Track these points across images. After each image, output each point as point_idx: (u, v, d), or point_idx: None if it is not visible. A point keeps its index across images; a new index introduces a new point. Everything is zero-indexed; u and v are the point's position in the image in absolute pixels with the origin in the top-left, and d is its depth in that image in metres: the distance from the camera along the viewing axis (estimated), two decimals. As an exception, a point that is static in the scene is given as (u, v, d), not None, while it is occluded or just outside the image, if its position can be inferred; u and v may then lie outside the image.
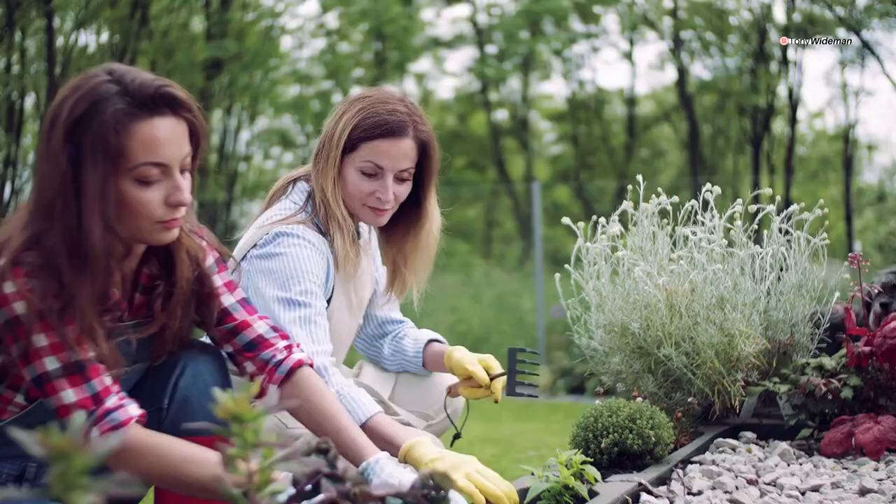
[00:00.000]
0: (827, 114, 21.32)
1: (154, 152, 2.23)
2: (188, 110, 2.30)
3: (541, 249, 12.33)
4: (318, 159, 3.17)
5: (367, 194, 3.12)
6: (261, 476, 1.67)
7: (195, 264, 2.54)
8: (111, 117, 2.18)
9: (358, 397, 2.83)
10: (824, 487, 2.89)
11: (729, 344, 3.49)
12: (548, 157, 25.02)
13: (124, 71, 2.25)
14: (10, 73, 15.08)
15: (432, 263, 3.39)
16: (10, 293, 2.17)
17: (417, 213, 3.30)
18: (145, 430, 2.25)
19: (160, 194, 2.27)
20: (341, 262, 3.12)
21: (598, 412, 3.13)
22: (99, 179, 2.18)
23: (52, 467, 1.29)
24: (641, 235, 3.70)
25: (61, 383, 2.19)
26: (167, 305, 2.50)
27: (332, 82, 21.28)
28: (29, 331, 2.17)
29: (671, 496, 2.84)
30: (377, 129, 3.09)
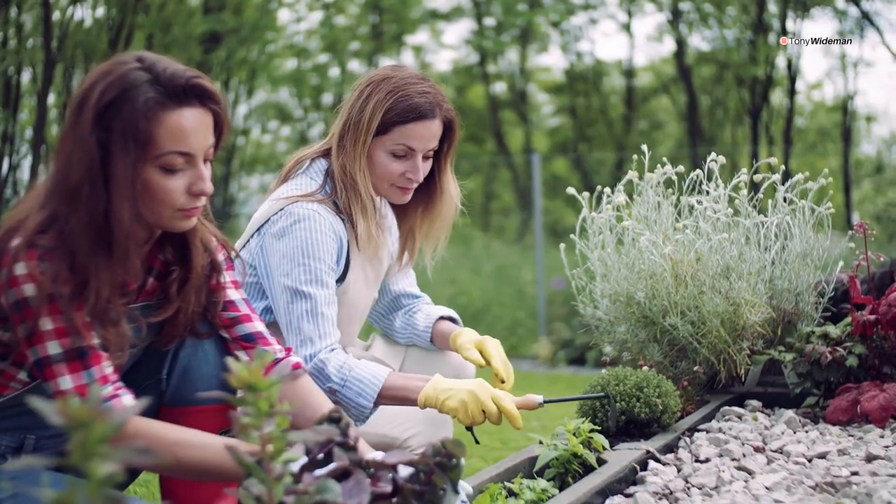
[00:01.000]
0: (826, 85, 21.30)
1: (181, 142, 2.25)
2: (216, 102, 2.32)
3: (541, 221, 12.31)
4: (343, 141, 3.16)
5: (398, 175, 3.14)
6: (275, 444, 1.67)
7: (208, 253, 2.56)
8: (142, 105, 2.19)
9: (362, 376, 2.89)
10: (831, 454, 2.90)
11: (734, 313, 3.49)
12: (546, 130, 24.98)
13: (155, 59, 2.27)
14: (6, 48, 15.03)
15: (448, 234, 3.40)
16: (20, 275, 2.18)
17: (434, 186, 3.32)
18: (144, 420, 2.26)
19: (183, 183, 2.29)
20: (363, 243, 3.13)
21: (606, 381, 3.13)
22: (129, 166, 2.20)
23: (71, 436, 1.30)
24: (646, 205, 3.70)
25: (60, 368, 2.20)
26: (182, 291, 2.52)
27: (330, 55, 21.22)
28: (36, 313, 2.18)
29: (679, 463, 2.85)
30: (410, 114, 3.10)
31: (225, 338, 2.64)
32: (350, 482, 1.77)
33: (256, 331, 2.64)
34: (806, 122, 21.04)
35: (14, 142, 16.25)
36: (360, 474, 1.80)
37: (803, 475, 2.67)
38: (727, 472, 2.71)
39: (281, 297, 3.01)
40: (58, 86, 15.52)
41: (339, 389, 2.86)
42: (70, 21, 14.46)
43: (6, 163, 15.92)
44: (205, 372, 2.60)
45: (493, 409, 2.82)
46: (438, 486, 1.85)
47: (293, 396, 2.58)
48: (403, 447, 3.25)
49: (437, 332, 3.44)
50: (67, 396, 2.19)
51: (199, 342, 2.62)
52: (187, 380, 2.61)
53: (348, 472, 1.80)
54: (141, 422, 2.24)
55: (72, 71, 15.59)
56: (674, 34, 19.12)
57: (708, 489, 2.57)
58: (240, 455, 1.65)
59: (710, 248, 3.51)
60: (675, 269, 3.50)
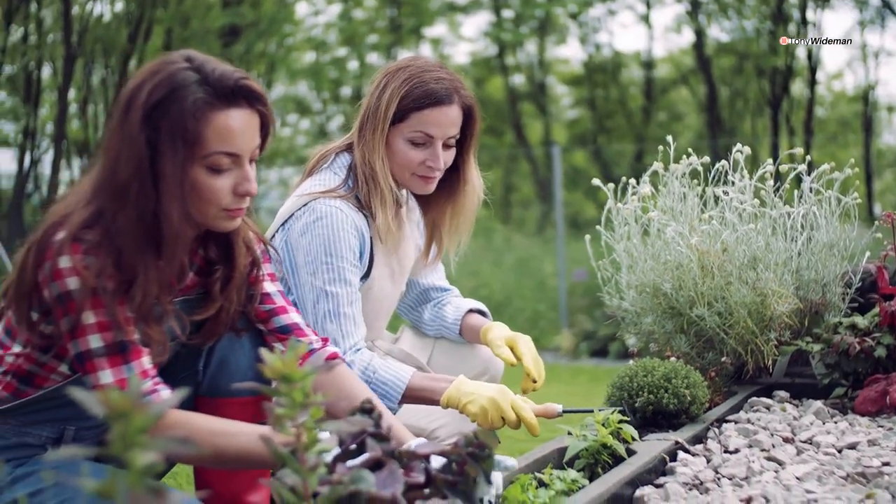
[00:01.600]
0: (846, 75, 21.20)
1: (228, 142, 2.27)
2: (263, 104, 2.34)
3: (562, 213, 12.29)
4: (362, 132, 3.17)
5: (418, 164, 3.13)
6: (308, 435, 1.68)
7: (250, 252, 2.59)
8: (191, 105, 2.21)
9: (386, 378, 2.93)
10: (861, 445, 2.89)
11: (761, 303, 3.48)
12: (565, 121, 24.96)
13: (203, 60, 2.29)
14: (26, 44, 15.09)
15: (472, 227, 3.40)
16: (64, 268, 2.19)
17: (457, 177, 3.31)
18: (181, 412, 2.27)
19: (229, 183, 2.31)
20: (383, 236, 3.12)
21: (633, 372, 3.12)
22: (178, 166, 2.23)
23: (111, 427, 1.30)
24: (672, 196, 3.69)
25: (101, 362, 2.21)
26: (225, 290, 2.54)
27: (348, 49, 21.22)
28: (79, 307, 2.19)
29: (708, 454, 2.84)
30: (426, 99, 3.10)
31: (262, 330, 2.65)
32: (383, 472, 1.77)
33: (292, 322, 2.64)
34: (826, 112, 20.95)
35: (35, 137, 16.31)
36: (394, 464, 1.80)
37: (834, 466, 2.66)
38: (757, 462, 2.70)
39: (308, 295, 3.03)
40: (78, 81, 15.57)
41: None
42: (90, 16, 14.50)
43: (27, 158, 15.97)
44: (241, 364, 2.61)
45: (513, 417, 2.88)
46: (471, 476, 1.85)
47: (329, 386, 2.59)
48: (431, 438, 3.26)
49: (466, 325, 3.44)
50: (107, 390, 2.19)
51: (235, 335, 2.63)
52: (224, 371, 2.63)
53: (381, 463, 1.80)
54: (180, 413, 2.25)
55: (91, 66, 15.64)
56: (693, 25, 19.03)
57: (738, 479, 2.57)
58: (274, 445, 1.66)
59: (737, 239, 3.49)
60: (701, 260, 3.49)
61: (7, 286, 2.35)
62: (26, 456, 2.41)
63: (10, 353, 2.39)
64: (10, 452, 2.40)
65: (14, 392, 2.40)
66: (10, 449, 2.41)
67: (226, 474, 2.69)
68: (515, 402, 2.89)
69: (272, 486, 1.68)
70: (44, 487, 2.32)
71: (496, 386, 2.93)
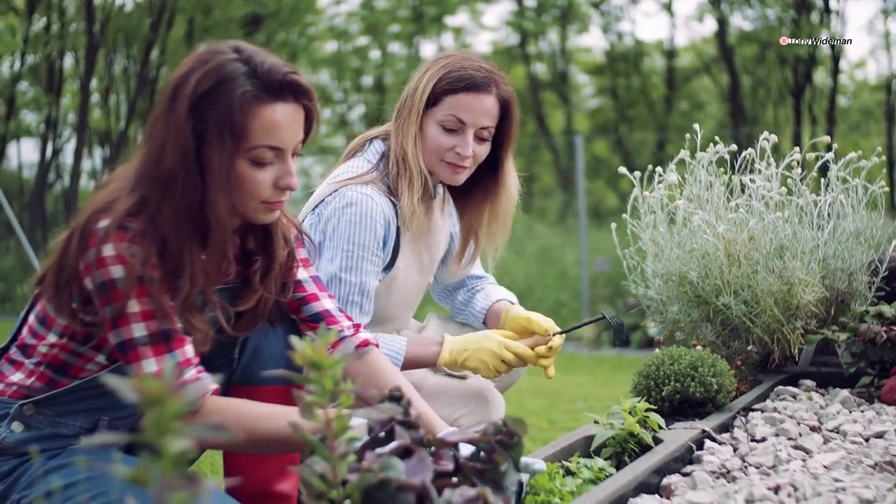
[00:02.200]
0: (869, 64, 21.08)
1: (273, 136, 2.27)
2: (309, 99, 2.34)
3: (584, 203, 12.28)
4: (399, 115, 3.20)
5: (447, 149, 3.13)
6: (338, 423, 1.68)
7: (287, 244, 2.59)
8: (239, 98, 2.21)
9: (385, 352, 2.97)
10: (888, 434, 2.88)
11: (788, 292, 3.47)
12: (587, 111, 24.93)
13: (252, 52, 2.29)
14: (49, 33, 15.16)
15: (509, 232, 3.43)
16: (108, 256, 2.19)
17: (494, 178, 3.32)
18: (220, 398, 2.28)
19: (271, 176, 2.31)
20: (407, 220, 3.12)
21: (660, 360, 3.12)
22: (226, 158, 2.23)
23: (145, 413, 1.30)
24: (698, 184, 3.67)
25: (145, 351, 2.21)
26: (264, 280, 2.54)
27: (370, 38, 21.25)
28: (124, 295, 2.19)
29: (735, 443, 2.84)
30: (461, 83, 3.11)
31: (295, 319, 2.66)
32: (413, 460, 1.77)
33: (323, 309, 2.65)
34: (849, 101, 20.85)
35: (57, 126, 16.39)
36: (423, 452, 1.80)
37: (861, 454, 2.65)
38: (784, 451, 2.69)
39: (322, 278, 3.04)
40: (100, 70, 15.64)
41: None
42: (112, 5, 14.56)
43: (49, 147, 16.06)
44: (275, 352, 2.62)
45: (511, 356, 3.07)
46: (500, 464, 1.86)
47: (361, 373, 2.60)
48: (455, 426, 3.26)
49: (491, 312, 3.45)
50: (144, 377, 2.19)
51: (271, 324, 2.64)
52: (257, 359, 2.63)
53: (410, 451, 1.80)
54: (217, 400, 2.26)
55: (113, 55, 15.71)
56: (715, 14, 18.98)
57: (765, 468, 2.56)
58: (304, 432, 1.66)
59: (764, 227, 3.48)
60: (727, 249, 3.48)
61: (43, 273, 2.35)
62: (60, 447, 2.40)
63: (45, 343, 2.39)
64: (44, 443, 2.40)
65: (48, 382, 2.40)
66: (44, 440, 2.41)
67: (255, 462, 2.70)
68: (506, 342, 3.09)
69: (301, 472, 1.69)
70: (78, 480, 2.32)
71: (481, 333, 3.12)
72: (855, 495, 2.21)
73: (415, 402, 2.52)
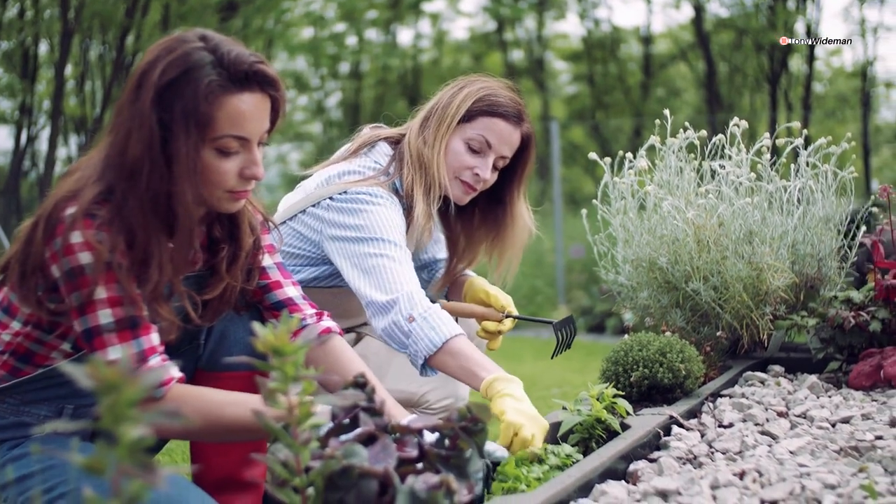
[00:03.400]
0: (844, 51, 21.12)
1: (239, 126, 2.26)
2: (276, 88, 2.33)
3: (559, 189, 12.28)
4: (426, 123, 3.22)
5: (466, 168, 3.18)
6: (301, 409, 1.68)
7: (254, 232, 2.59)
8: (205, 88, 2.20)
9: (437, 324, 2.81)
10: (855, 419, 2.89)
11: (757, 278, 3.48)
12: (564, 97, 24.90)
13: (219, 41, 2.27)
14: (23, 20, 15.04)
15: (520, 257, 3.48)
16: (76, 243, 2.17)
17: (503, 210, 3.39)
18: (185, 385, 2.26)
19: (236, 165, 2.30)
20: (422, 226, 3.14)
21: (628, 346, 3.13)
22: (191, 148, 2.21)
23: (101, 400, 1.29)
24: (668, 170, 3.68)
25: (111, 338, 2.19)
26: (231, 268, 2.53)
27: (346, 24, 21.18)
28: (92, 282, 2.17)
29: (702, 428, 2.85)
30: (499, 108, 3.18)
31: (259, 307, 2.65)
32: (376, 447, 1.77)
33: (286, 297, 2.64)
34: (825, 88, 20.89)
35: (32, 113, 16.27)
36: (386, 439, 1.80)
37: (827, 440, 2.66)
38: (751, 436, 2.71)
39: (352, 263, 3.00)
40: (75, 56, 15.52)
41: (417, 319, 2.81)
42: (87, -9, 14.42)
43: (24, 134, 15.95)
44: (240, 338, 2.61)
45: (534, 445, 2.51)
46: (464, 450, 1.86)
47: (323, 360, 2.60)
48: (420, 402, 3.29)
49: (454, 285, 3.53)
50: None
51: (236, 312, 2.63)
52: (223, 346, 2.63)
53: (374, 437, 1.80)
54: (181, 388, 2.24)
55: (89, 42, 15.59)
56: (692, 0, 18.98)
57: (732, 454, 2.57)
58: (266, 420, 1.66)
59: (733, 213, 3.49)
60: (697, 234, 3.49)
61: (7, 261, 2.33)
62: (24, 436, 2.39)
63: (8, 331, 2.37)
64: (7, 432, 2.39)
65: (11, 371, 2.38)
66: (7, 429, 2.39)
67: (221, 450, 2.69)
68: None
69: (265, 460, 1.68)
70: (34, 471, 2.31)
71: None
72: (819, 480, 2.22)
73: (376, 389, 2.51)
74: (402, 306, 2.82)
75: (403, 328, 2.80)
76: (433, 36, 23.59)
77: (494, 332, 3.32)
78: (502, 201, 3.37)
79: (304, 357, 1.70)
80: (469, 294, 3.40)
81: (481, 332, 3.34)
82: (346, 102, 23.12)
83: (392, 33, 22.85)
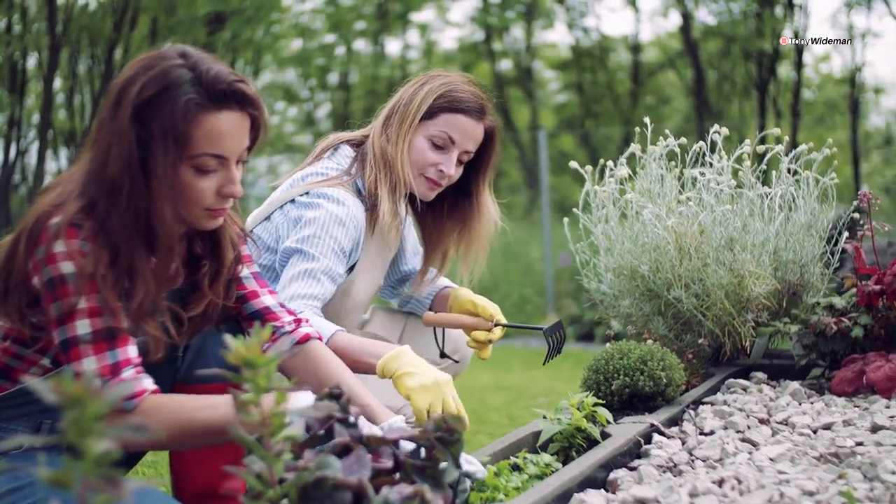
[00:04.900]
0: (833, 57, 21.17)
1: (217, 145, 2.24)
2: (255, 107, 2.31)
3: (548, 198, 12.29)
4: (389, 121, 3.23)
5: (430, 164, 3.20)
6: (274, 421, 1.67)
7: (234, 247, 2.57)
8: (183, 106, 2.18)
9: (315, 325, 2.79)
10: (836, 425, 2.90)
11: (739, 285, 3.48)
12: (553, 106, 24.93)
13: (198, 58, 2.25)
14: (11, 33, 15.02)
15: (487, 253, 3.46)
16: (59, 252, 2.15)
17: (469, 203, 3.38)
18: (160, 395, 2.24)
19: (214, 184, 2.28)
20: (388, 224, 3.15)
21: (609, 355, 3.13)
22: (169, 166, 2.20)
23: (65, 414, 1.29)
24: (649, 178, 3.69)
25: (86, 349, 2.17)
26: (213, 285, 2.52)
27: (335, 35, 21.19)
28: (72, 292, 2.15)
29: (683, 436, 2.85)
30: (461, 104, 3.19)
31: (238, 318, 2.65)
32: (351, 458, 1.77)
33: (263, 306, 2.63)
34: (814, 94, 20.94)
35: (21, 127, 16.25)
36: (361, 450, 1.80)
37: (808, 446, 2.66)
38: (731, 444, 2.71)
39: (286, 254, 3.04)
40: (63, 70, 15.51)
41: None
42: (74, 4, 14.43)
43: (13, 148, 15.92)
44: (217, 351, 2.59)
45: (452, 405, 2.60)
46: (439, 461, 1.86)
47: (302, 370, 2.59)
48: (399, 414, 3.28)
49: (438, 298, 3.54)
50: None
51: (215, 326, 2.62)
52: (201, 358, 2.62)
53: (349, 448, 1.80)
54: (154, 398, 2.22)
55: (77, 55, 15.58)
56: (679, 8, 19.01)
57: (712, 461, 2.57)
58: (239, 432, 1.65)
59: (714, 220, 3.50)
60: (678, 242, 3.49)
61: None
62: (0, 453, 2.38)
63: None
64: (-18, 449, 2.38)
65: None
66: (-17, 446, 2.38)
67: (202, 461, 2.68)
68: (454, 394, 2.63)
69: (239, 473, 1.68)
70: (3, 491, 2.29)
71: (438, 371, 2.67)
72: (798, 487, 2.22)
73: (358, 395, 2.49)
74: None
75: None
76: (422, 46, 23.60)
77: (484, 341, 3.32)
78: (469, 193, 3.37)
79: (276, 368, 1.69)
80: (455, 306, 3.41)
81: (471, 342, 3.34)
82: (336, 113, 23.10)
83: (381, 44, 22.86)
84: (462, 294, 3.42)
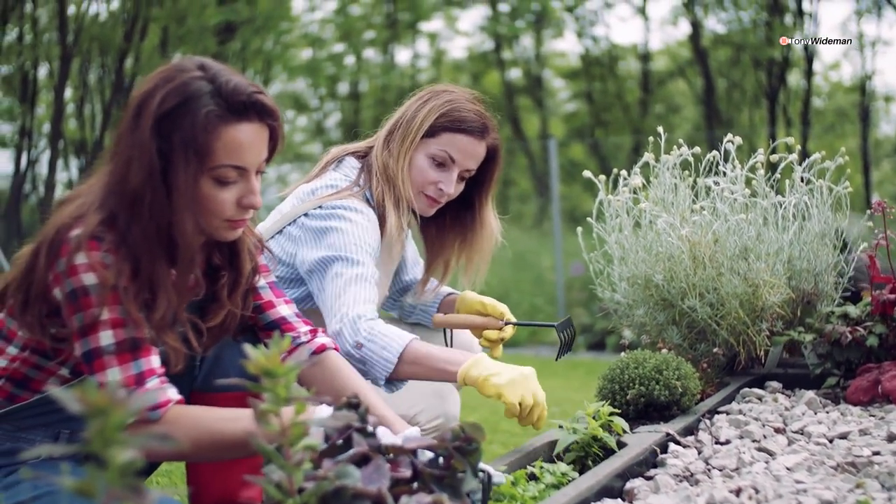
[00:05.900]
0: (843, 65, 21.14)
1: (237, 156, 2.25)
2: (274, 119, 2.32)
3: (559, 207, 12.29)
4: (390, 137, 3.23)
5: (430, 182, 3.20)
6: (294, 430, 1.67)
7: (252, 258, 2.58)
8: (203, 118, 2.19)
9: (385, 342, 2.79)
10: (852, 434, 2.89)
11: (753, 294, 3.48)
12: (563, 115, 24.93)
13: (217, 70, 2.26)
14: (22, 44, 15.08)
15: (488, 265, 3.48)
16: (80, 264, 2.16)
17: (471, 217, 3.39)
18: (184, 406, 2.25)
19: (234, 195, 2.29)
20: (393, 234, 3.15)
21: (625, 364, 3.13)
22: (191, 178, 2.20)
23: (89, 424, 1.29)
24: (663, 187, 3.69)
25: (110, 360, 2.17)
26: (232, 295, 2.53)
27: (345, 45, 21.24)
28: (94, 303, 2.16)
29: (699, 446, 2.84)
30: (463, 124, 3.18)
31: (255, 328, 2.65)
32: (370, 467, 1.77)
33: (279, 317, 2.63)
34: (824, 103, 20.91)
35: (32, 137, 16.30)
36: (380, 459, 1.80)
37: (824, 455, 2.66)
38: (748, 453, 2.70)
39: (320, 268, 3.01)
40: (74, 80, 15.58)
41: (364, 343, 2.80)
42: (85, 15, 14.50)
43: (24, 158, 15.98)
44: (235, 360, 2.59)
45: (542, 394, 2.69)
46: (458, 470, 1.86)
47: (319, 380, 2.59)
48: (412, 423, 3.27)
49: (444, 303, 3.56)
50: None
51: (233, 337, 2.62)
52: (218, 367, 2.62)
53: (367, 458, 1.80)
54: (179, 408, 2.22)
55: (88, 65, 15.64)
56: (689, 17, 19.01)
57: (728, 470, 2.57)
58: (259, 441, 1.66)
59: (728, 230, 3.49)
60: (692, 251, 3.49)
61: (4, 287, 2.32)
62: (19, 463, 2.37)
63: (5, 356, 2.35)
64: (2, 459, 2.37)
65: (8, 397, 2.36)
66: (2, 455, 2.38)
67: (218, 471, 2.68)
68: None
69: (258, 482, 1.68)
70: (26, 500, 2.29)
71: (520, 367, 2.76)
72: (816, 496, 2.21)
73: (374, 405, 2.49)
74: (347, 336, 2.82)
75: (355, 356, 2.80)
76: (431, 56, 23.63)
77: (496, 339, 3.35)
78: (471, 206, 3.37)
79: (295, 377, 1.69)
80: (463, 308, 3.42)
81: (483, 341, 3.37)
82: (346, 122, 23.12)
83: (390, 53, 22.91)
84: (469, 296, 3.44)
